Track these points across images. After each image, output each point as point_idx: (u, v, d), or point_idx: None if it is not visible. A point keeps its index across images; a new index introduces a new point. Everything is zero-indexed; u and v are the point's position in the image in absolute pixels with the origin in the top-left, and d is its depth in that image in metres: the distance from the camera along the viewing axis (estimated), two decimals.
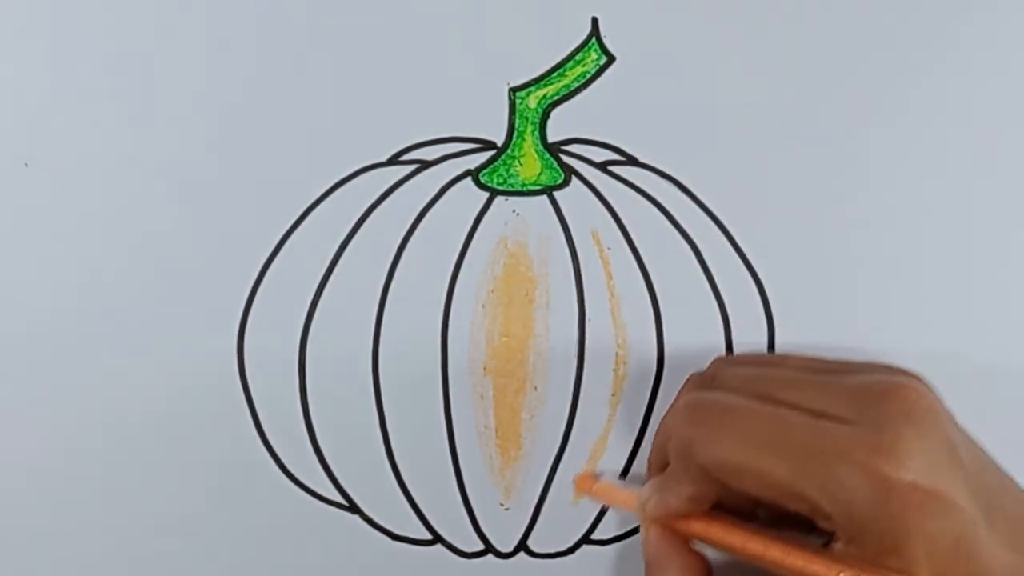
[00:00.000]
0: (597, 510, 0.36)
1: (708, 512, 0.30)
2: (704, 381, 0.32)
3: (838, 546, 0.27)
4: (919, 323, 0.34)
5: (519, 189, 0.34)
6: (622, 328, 0.35)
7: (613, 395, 0.35)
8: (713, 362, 0.33)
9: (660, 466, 0.32)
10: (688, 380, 0.33)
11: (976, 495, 0.27)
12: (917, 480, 0.26)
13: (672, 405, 0.32)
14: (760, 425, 0.28)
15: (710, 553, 0.31)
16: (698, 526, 0.30)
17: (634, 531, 0.36)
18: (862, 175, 0.34)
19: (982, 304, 0.34)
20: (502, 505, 0.35)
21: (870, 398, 0.28)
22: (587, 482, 0.35)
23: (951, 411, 0.28)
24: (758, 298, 0.34)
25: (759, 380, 0.30)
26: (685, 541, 0.31)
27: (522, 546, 0.36)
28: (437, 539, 0.35)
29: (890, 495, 0.26)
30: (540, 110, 0.34)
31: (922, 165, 0.34)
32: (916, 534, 0.26)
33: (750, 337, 0.34)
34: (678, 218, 0.34)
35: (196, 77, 0.33)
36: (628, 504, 0.33)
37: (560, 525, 0.36)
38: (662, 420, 0.33)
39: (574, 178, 0.34)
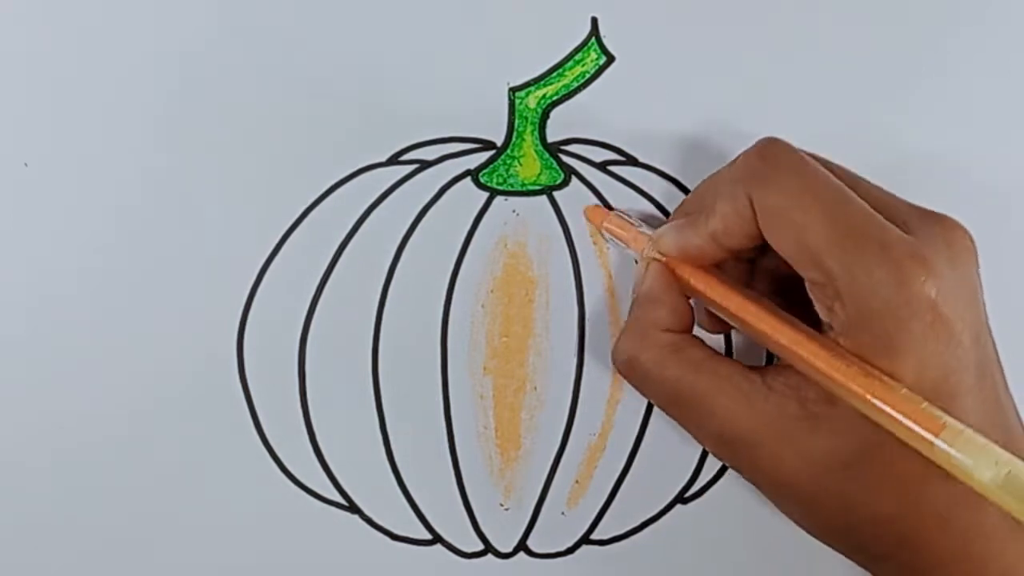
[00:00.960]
0: (597, 510, 0.36)
1: (712, 270, 0.30)
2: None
3: (831, 334, 0.28)
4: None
5: (519, 189, 0.34)
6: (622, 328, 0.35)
7: (613, 395, 0.35)
8: None
9: (687, 213, 0.31)
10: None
11: (978, 349, 0.27)
12: (938, 302, 0.26)
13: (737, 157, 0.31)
14: (822, 186, 0.28)
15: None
16: (701, 280, 0.30)
17: (634, 531, 0.36)
18: (862, 175, 0.34)
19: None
20: (502, 505, 0.35)
21: (921, 217, 0.29)
22: (599, 214, 0.34)
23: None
24: None
25: (828, 164, 0.30)
26: (681, 287, 0.31)
27: (522, 546, 0.36)
28: (437, 539, 0.35)
29: (909, 300, 0.26)
30: (540, 110, 0.34)
31: (922, 166, 0.34)
32: (916, 347, 0.26)
33: None
34: None
35: (196, 76, 0.33)
36: (637, 240, 0.32)
37: (560, 525, 0.36)
38: (717, 171, 0.32)
39: (574, 178, 0.34)
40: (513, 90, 0.34)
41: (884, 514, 0.28)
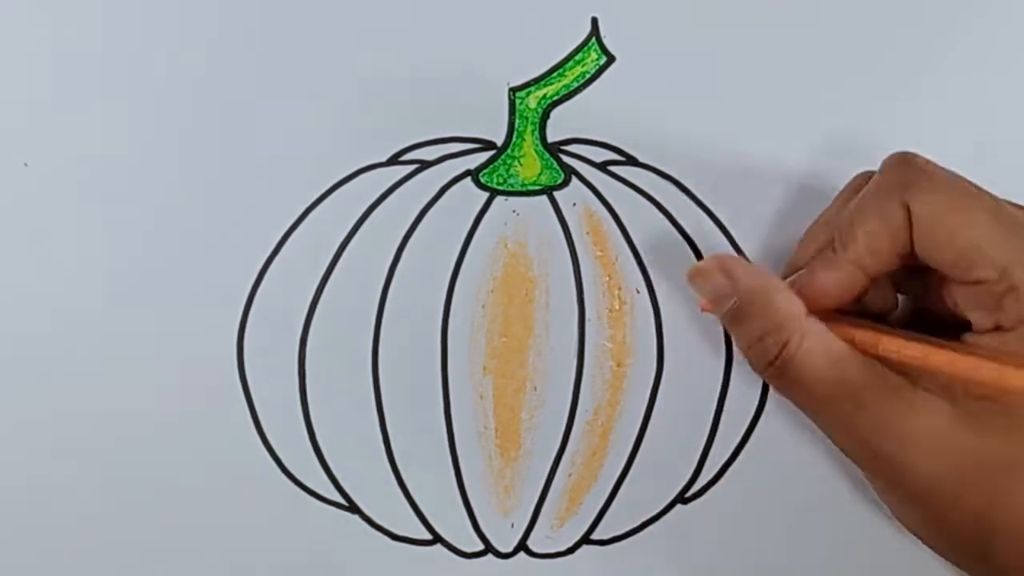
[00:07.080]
0: (597, 510, 0.36)
1: (856, 319, 0.30)
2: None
3: (994, 337, 0.28)
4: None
5: (519, 189, 0.34)
6: (621, 328, 0.35)
7: (613, 395, 0.35)
8: None
9: (809, 258, 0.31)
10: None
11: None
12: None
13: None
14: (973, 188, 0.28)
15: None
16: (860, 332, 0.29)
17: (634, 531, 0.36)
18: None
19: None
20: (502, 505, 0.35)
21: None
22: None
23: None
24: None
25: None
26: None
27: (522, 546, 0.36)
28: (437, 539, 0.35)
29: None
30: (540, 110, 0.34)
31: None
32: None
33: None
34: (678, 218, 0.34)
35: (196, 77, 0.33)
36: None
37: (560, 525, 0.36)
38: (820, 216, 0.32)
39: (574, 178, 0.34)
40: (513, 90, 0.34)
41: None
